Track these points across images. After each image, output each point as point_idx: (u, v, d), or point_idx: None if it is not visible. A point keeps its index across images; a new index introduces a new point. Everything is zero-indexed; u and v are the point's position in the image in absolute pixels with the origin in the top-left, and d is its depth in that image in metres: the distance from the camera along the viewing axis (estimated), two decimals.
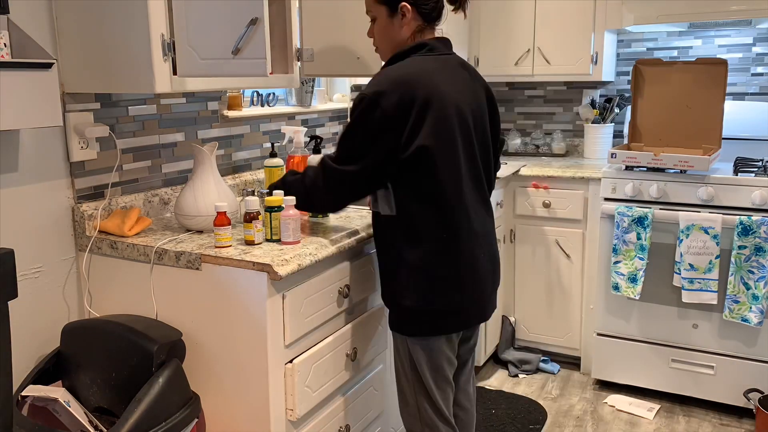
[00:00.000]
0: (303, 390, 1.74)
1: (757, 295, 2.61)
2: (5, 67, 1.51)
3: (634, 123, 3.10)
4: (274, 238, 1.80)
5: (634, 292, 2.83)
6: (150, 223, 1.93)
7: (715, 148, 2.88)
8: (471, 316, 1.81)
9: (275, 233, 1.79)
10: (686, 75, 2.96)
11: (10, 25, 1.60)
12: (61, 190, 1.87)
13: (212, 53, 1.67)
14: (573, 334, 3.22)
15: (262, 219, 1.77)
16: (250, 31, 1.62)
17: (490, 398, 2.96)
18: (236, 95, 2.47)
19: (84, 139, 1.89)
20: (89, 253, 1.90)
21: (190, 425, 1.63)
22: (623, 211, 2.82)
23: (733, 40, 3.28)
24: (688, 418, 2.81)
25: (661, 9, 3.02)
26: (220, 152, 2.41)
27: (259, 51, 1.62)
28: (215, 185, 1.88)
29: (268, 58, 1.63)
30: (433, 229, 1.69)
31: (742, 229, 2.60)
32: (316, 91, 2.95)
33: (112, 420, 1.68)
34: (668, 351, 2.89)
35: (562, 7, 3.26)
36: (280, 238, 1.78)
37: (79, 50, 1.78)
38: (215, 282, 1.69)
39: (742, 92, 3.30)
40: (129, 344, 1.63)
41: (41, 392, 1.64)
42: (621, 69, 3.56)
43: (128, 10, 1.66)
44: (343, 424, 1.95)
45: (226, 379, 1.73)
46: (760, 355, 2.71)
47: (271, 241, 1.79)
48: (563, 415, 2.85)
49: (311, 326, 1.78)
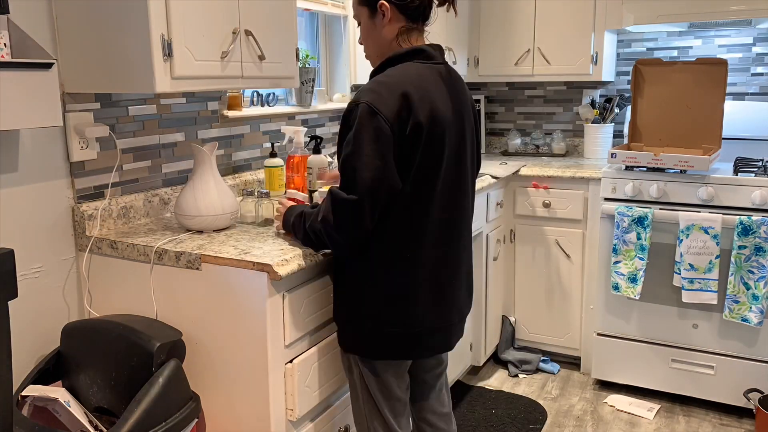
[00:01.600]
0: (303, 390, 1.74)
1: (757, 295, 2.61)
2: (5, 67, 1.51)
3: (634, 123, 3.10)
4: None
5: (634, 292, 2.83)
6: None
7: (715, 148, 2.88)
8: (430, 344, 1.70)
9: None
10: (686, 75, 2.96)
11: (10, 25, 1.60)
12: (61, 190, 1.87)
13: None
14: (573, 334, 3.22)
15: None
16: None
17: (490, 398, 2.96)
18: (236, 95, 2.47)
19: (84, 139, 1.89)
20: (89, 253, 1.90)
21: (190, 425, 1.63)
22: (623, 211, 2.82)
23: (733, 40, 3.28)
24: (688, 418, 2.81)
25: (661, 9, 3.02)
26: (220, 152, 2.41)
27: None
28: (215, 185, 1.88)
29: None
30: (396, 248, 1.59)
31: (742, 229, 2.60)
32: (316, 91, 2.95)
33: (112, 420, 1.68)
34: (668, 351, 2.89)
35: (562, 7, 3.26)
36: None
37: (79, 50, 1.78)
38: (215, 282, 1.69)
39: (742, 92, 3.30)
40: (129, 344, 1.63)
41: (41, 392, 1.64)
42: (621, 69, 3.56)
43: (128, 10, 1.66)
44: (343, 424, 1.95)
45: (226, 379, 1.73)
46: (760, 355, 2.71)
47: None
48: (563, 415, 2.85)
49: (311, 326, 1.78)
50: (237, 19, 1.90)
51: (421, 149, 1.55)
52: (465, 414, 2.83)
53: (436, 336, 1.70)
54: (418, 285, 1.62)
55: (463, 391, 3.02)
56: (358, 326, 1.66)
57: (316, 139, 2.20)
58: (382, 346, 1.66)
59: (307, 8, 2.81)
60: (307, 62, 2.77)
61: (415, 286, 1.62)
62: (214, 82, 1.85)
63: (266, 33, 2.02)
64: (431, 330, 1.67)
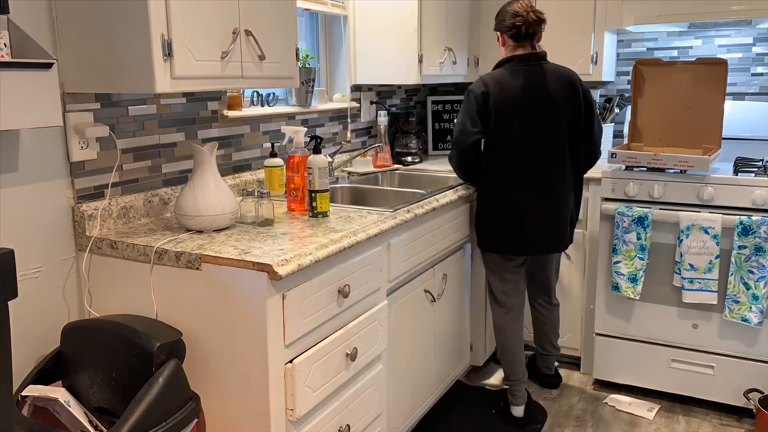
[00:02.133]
0: (303, 390, 1.74)
1: (757, 295, 2.61)
2: (5, 67, 1.51)
3: (634, 123, 3.10)
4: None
5: (634, 292, 2.83)
6: None
7: (715, 148, 2.88)
8: (527, 245, 2.59)
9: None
10: (686, 75, 2.96)
11: (10, 25, 1.60)
12: (61, 190, 1.87)
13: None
14: (573, 334, 3.22)
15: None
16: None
17: (490, 398, 2.96)
18: (236, 95, 2.47)
19: (84, 139, 1.89)
20: (89, 253, 1.90)
21: (190, 425, 1.63)
22: (623, 211, 2.82)
23: (733, 40, 3.28)
24: (688, 418, 2.81)
25: (661, 9, 3.02)
26: (220, 152, 2.41)
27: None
28: (215, 185, 1.88)
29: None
30: (497, 179, 2.54)
31: (742, 229, 2.60)
32: (316, 91, 2.95)
33: (112, 420, 1.68)
34: (668, 351, 2.89)
35: (562, 7, 3.26)
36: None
37: (79, 50, 1.78)
38: (215, 282, 1.69)
39: (742, 92, 3.30)
40: (129, 344, 1.63)
41: (41, 392, 1.64)
42: (621, 69, 3.56)
43: (128, 10, 1.66)
44: (343, 424, 1.95)
45: (226, 379, 1.73)
46: (760, 355, 2.71)
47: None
48: (563, 415, 2.85)
49: (311, 326, 1.78)
50: (237, 19, 1.90)
51: (493, 118, 2.49)
52: (465, 414, 2.83)
53: (531, 240, 2.62)
54: (500, 205, 2.57)
55: (463, 391, 3.02)
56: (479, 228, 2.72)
57: (316, 139, 2.20)
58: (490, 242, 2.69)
59: (307, 8, 2.81)
60: (307, 62, 2.77)
61: (497, 205, 2.57)
62: (214, 82, 1.86)
63: (266, 33, 2.02)
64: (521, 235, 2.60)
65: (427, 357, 2.58)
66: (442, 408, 2.87)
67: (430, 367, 2.62)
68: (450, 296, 2.76)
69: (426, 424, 2.72)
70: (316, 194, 2.09)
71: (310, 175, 2.08)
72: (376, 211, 2.19)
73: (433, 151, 3.78)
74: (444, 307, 2.71)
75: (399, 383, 2.36)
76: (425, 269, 2.51)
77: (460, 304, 2.89)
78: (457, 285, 2.83)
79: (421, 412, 2.59)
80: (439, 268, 2.62)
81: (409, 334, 2.41)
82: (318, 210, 2.10)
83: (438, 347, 2.68)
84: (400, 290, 2.32)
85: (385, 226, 2.07)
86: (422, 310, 2.50)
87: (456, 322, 2.85)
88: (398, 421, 2.38)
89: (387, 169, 3.13)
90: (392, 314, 2.26)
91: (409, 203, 2.32)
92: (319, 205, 2.10)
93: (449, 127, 3.76)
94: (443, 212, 2.56)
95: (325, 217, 2.11)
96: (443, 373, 2.76)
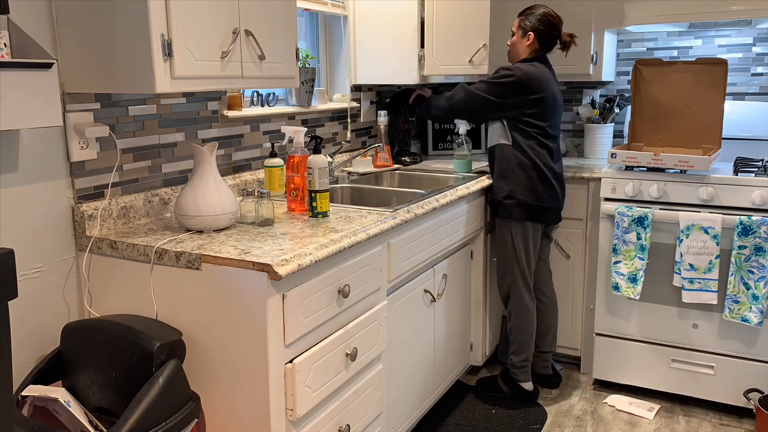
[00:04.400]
0: (303, 390, 1.74)
1: (757, 295, 2.61)
2: (5, 67, 1.51)
3: (634, 123, 3.10)
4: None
5: (634, 292, 2.83)
6: None
7: (715, 148, 2.88)
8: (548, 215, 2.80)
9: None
10: (686, 75, 2.96)
11: (10, 25, 1.60)
12: (61, 190, 1.87)
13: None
14: (573, 334, 3.22)
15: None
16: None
17: (490, 398, 2.96)
18: (236, 95, 2.47)
19: (84, 139, 1.89)
20: (89, 253, 1.90)
21: (190, 425, 1.63)
22: (623, 211, 2.82)
23: (733, 40, 3.28)
24: (688, 418, 2.81)
25: (661, 9, 3.02)
26: (220, 152, 2.41)
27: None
28: (215, 185, 1.88)
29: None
30: (527, 156, 2.72)
31: (742, 229, 2.60)
32: (316, 91, 2.95)
33: (112, 420, 1.68)
34: (668, 351, 2.89)
35: (562, 7, 3.26)
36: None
37: (79, 50, 1.78)
38: (215, 282, 1.69)
39: (742, 92, 3.30)
40: (129, 344, 1.63)
41: (41, 392, 1.64)
42: (621, 69, 3.56)
43: (128, 10, 1.66)
44: (343, 424, 1.95)
45: (226, 379, 1.73)
46: (760, 355, 2.72)
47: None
48: (563, 415, 2.85)
49: (311, 326, 1.78)
50: (237, 19, 1.90)
51: (544, 108, 2.75)
52: (465, 414, 2.83)
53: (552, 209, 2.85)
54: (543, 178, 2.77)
55: (463, 391, 3.02)
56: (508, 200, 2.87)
57: (316, 139, 2.20)
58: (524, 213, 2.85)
59: (307, 8, 2.81)
60: (307, 62, 2.77)
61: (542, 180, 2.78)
62: (214, 82, 1.86)
63: (266, 33, 2.02)
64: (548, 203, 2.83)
65: (427, 357, 2.58)
66: (442, 408, 2.87)
67: (430, 367, 2.62)
68: (450, 296, 2.76)
69: (426, 424, 2.72)
70: (316, 194, 2.09)
71: (310, 175, 2.08)
72: (376, 211, 2.19)
73: (433, 151, 3.78)
74: (444, 307, 2.71)
75: (399, 383, 2.36)
76: (425, 269, 2.52)
77: (460, 304, 2.89)
78: (457, 285, 2.83)
79: (421, 412, 2.59)
80: (439, 268, 2.62)
81: (409, 334, 2.41)
82: (318, 210, 2.10)
83: (438, 347, 2.68)
84: (400, 290, 2.32)
85: (385, 226, 2.07)
86: (422, 310, 2.51)
87: (456, 322, 2.85)
88: (398, 421, 2.38)
89: (387, 169, 3.13)
90: (392, 314, 2.26)
91: (409, 203, 2.32)
92: (319, 205, 2.10)
93: (449, 127, 3.76)
94: (443, 212, 2.56)
95: (325, 217, 2.11)
96: (443, 373, 2.76)
